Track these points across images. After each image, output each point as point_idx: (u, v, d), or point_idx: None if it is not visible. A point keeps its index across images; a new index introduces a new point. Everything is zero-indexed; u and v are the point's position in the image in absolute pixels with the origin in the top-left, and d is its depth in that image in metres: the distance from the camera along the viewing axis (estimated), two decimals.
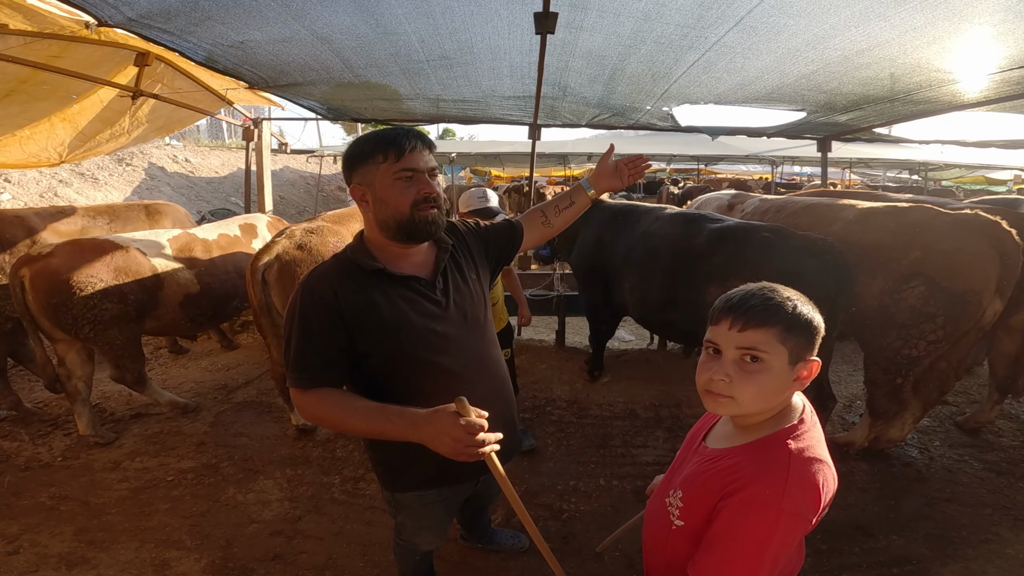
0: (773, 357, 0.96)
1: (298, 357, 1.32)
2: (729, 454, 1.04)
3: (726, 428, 1.13)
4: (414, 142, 1.34)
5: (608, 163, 1.77)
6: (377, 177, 1.35)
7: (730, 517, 0.95)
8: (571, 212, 1.82)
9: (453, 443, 1.16)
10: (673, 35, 2.72)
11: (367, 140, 1.37)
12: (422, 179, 1.35)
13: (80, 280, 2.97)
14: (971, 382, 3.88)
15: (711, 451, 1.10)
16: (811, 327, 0.98)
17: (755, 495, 0.93)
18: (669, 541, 1.09)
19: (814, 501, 0.93)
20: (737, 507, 0.95)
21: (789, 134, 5.59)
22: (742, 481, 0.96)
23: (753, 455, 0.99)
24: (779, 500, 0.91)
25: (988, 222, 2.54)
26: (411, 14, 2.58)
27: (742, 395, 0.98)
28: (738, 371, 0.98)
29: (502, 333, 2.72)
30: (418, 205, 1.34)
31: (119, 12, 2.44)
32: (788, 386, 1.00)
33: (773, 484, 0.93)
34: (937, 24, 2.38)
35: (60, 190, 8.78)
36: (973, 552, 2.30)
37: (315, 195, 14.73)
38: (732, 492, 0.96)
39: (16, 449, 3.17)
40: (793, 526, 0.92)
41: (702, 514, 1.01)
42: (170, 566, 2.28)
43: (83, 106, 3.64)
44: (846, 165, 14.84)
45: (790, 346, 0.96)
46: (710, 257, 2.79)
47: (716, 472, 1.02)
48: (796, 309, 0.98)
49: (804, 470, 0.94)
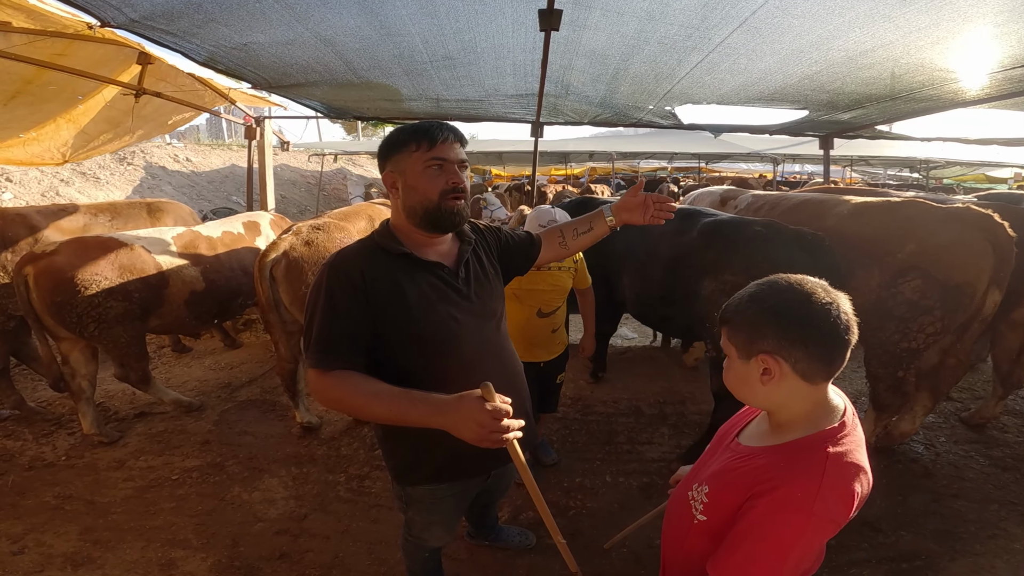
0: (729, 353, 1.05)
1: (321, 336, 1.32)
2: (763, 453, 1.03)
3: (761, 427, 1.12)
4: (447, 134, 1.38)
5: (636, 198, 1.74)
6: (408, 164, 1.38)
7: (758, 517, 0.95)
8: (588, 238, 1.84)
9: (479, 428, 1.15)
10: (677, 36, 2.73)
11: (402, 130, 1.41)
12: (451, 169, 1.39)
13: (84, 278, 2.97)
14: (975, 378, 3.89)
15: (744, 448, 1.09)
16: (752, 323, 0.99)
17: (787, 497, 0.93)
18: (689, 535, 1.09)
19: (846, 507, 0.92)
20: (766, 507, 0.94)
21: (791, 132, 5.60)
22: (775, 481, 0.95)
23: (788, 456, 0.98)
24: (811, 504, 0.90)
25: (980, 215, 2.57)
26: (415, 15, 2.58)
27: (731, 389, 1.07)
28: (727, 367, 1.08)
29: (560, 358, 2.68)
30: (446, 195, 1.37)
31: (122, 14, 2.44)
32: (754, 380, 1.00)
33: (806, 487, 0.92)
34: (942, 24, 2.39)
35: (62, 189, 8.78)
36: (981, 547, 2.31)
37: (316, 194, 14.72)
38: (763, 492, 0.95)
39: (20, 448, 3.17)
40: (821, 530, 0.92)
41: (727, 511, 1.01)
42: (176, 565, 2.29)
43: (87, 106, 3.65)
44: (847, 163, 14.87)
45: (736, 343, 1.02)
46: (704, 251, 2.80)
47: (747, 470, 1.02)
48: (737, 309, 1.02)
49: (840, 475, 0.93)
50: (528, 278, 2.34)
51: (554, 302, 2.56)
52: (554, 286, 2.54)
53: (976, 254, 2.51)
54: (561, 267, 2.55)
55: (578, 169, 19.46)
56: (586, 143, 14.70)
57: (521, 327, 2.50)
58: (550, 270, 2.49)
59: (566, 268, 2.58)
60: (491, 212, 9.26)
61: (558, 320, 2.61)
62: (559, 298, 2.58)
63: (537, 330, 2.55)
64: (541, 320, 2.54)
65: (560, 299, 2.59)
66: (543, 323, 2.55)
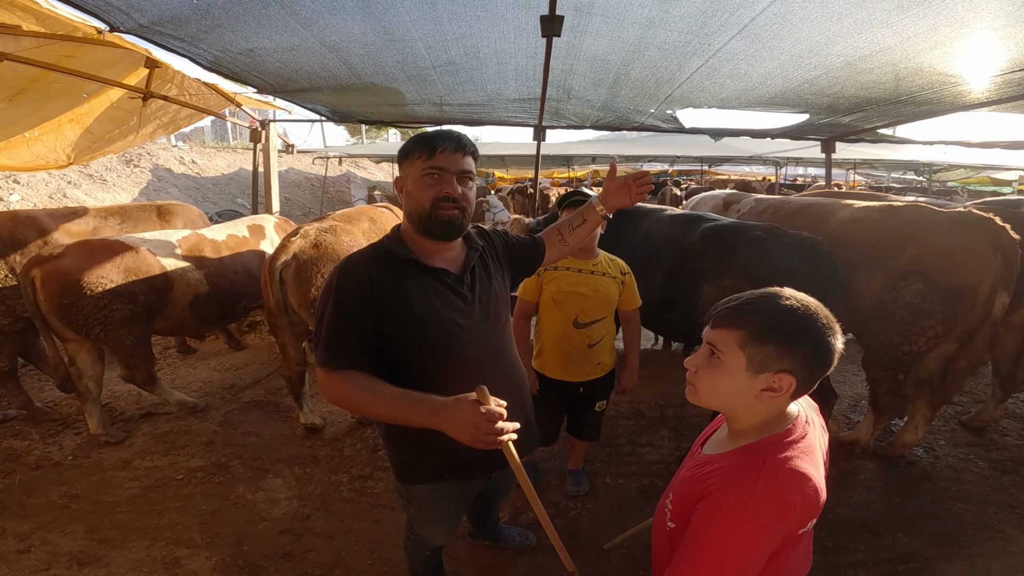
0: (729, 358, 0.99)
1: (329, 337, 1.37)
2: (715, 460, 1.05)
3: (721, 435, 1.14)
4: (448, 144, 1.41)
5: (615, 181, 1.77)
6: (411, 171, 1.44)
7: (697, 522, 0.96)
8: (584, 230, 1.86)
9: (472, 430, 1.18)
10: (677, 42, 2.76)
11: (413, 138, 1.47)
12: (447, 179, 1.42)
13: (91, 281, 3.00)
14: (975, 382, 3.90)
15: (702, 456, 1.12)
16: (784, 340, 0.95)
17: (721, 501, 0.94)
18: (666, 542, 1.12)
19: (781, 512, 0.91)
20: (704, 511, 0.96)
21: (793, 136, 5.62)
22: (715, 486, 0.97)
23: (732, 462, 1.00)
24: (742, 509, 0.91)
25: (981, 218, 2.58)
26: (418, 21, 2.62)
27: (700, 386, 1.05)
28: (704, 363, 1.04)
29: (601, 382, 2.48)
30: (437, 203, 1.41)
31: (131, 19, 2.48)
32: (750, 393, 0.99)
33: (739, 492, 0.93)
34: (939, 29, 2.41)
35: (69, 191, 8.85)
36: (978, 550, 2.33)
37: (320, 196, 14.78)
38: (703, 496, 0.97)
39: (27, 448, 3.21)
40: (756, 537, 0.91)
41: (687, 517, 1.02)
42: (181, 564, 2.31)
43: (92, 106, 3.68)
44: (850, 166, 14.84)
45: (749, 353, 0.97)
46: (704, 256, 2.83)
47: (700, 476, 1.04)
48: (768, 320, 0.96)
49: (775, 482, 0.93)
50: (568, 280, 2.30)
51: (593, 312, 2.35)
52: (596, 292, 2.33)
53: (977, 257, 2.52)
54: (606, 272, 2.36)
55: (581, 172, 19.48)
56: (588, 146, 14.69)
57: (556, 337, 2.38)
58: (592, 274, 2.34)
59: (611, 276, 2.37)
60: (494, 215, 9.31)
61: (596, 335, 2.38)
62: (600, 309, 2.36)
63: (572, 343, 2.36)
64: (577, 332, 2.34)
65: (601, 311, 2.37)
66: (579, 335, 2.35)
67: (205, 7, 2.41)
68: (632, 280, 2.45)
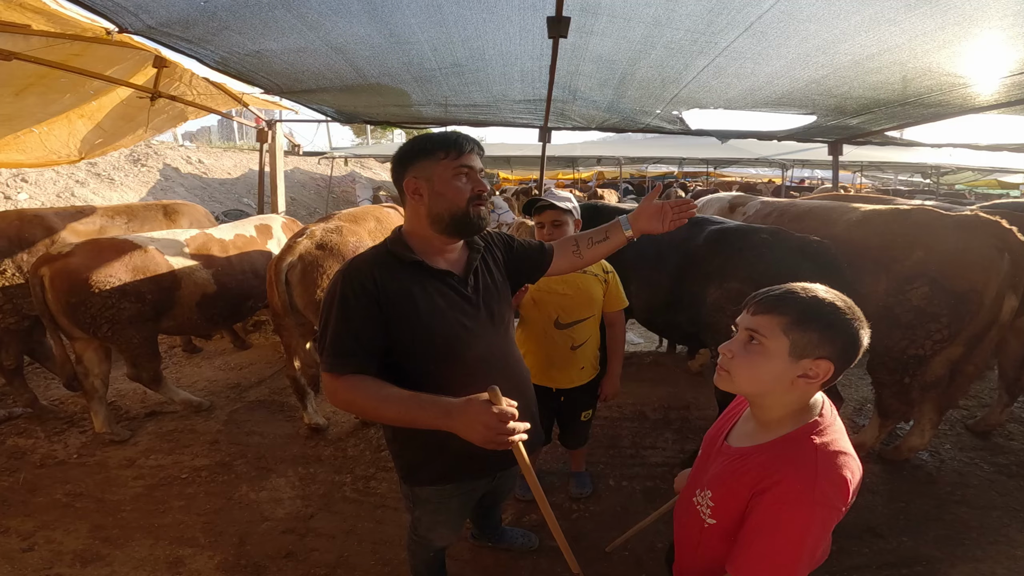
0: (771, 343, 1.02)
1: (335, 342, 1.37)
2: (754, 452, 1.08)
3: (747, 426, 1.16)
4: (472, 145, 1.45)
5: (653, 204, 1.66)
6: (436, 171, 1.42)
7: (766, 512, 0.99)
8: (603, 247, 1.79)
9: (485, 430, 1.18)
10: (683, 40, 2.75)
11: (428, 138, 1.46)
12: (476, 178, 1.45)
13: (99, 279, 3.02)
14: (981, 386, 3.87)
15: (735, 450, 1.13)
16: (823, 328, 1.00)
17: (788, 490, 0.98)
18: (702, 539, 1.14)
19: (843, 491, 0.97)
20: (772, 502, 0.99)
21: (800, 138, 5.59)
22: (775, 477, 1.00)
23: (780, 452, 1.03)
24: (811, 493, 0.95)
25: (988, 221, 2.56)
26: (424, 23, 2.62)
27: (736, 372, 1.06)
28: (741, 349, 1.06)
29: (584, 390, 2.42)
30: (473, 201, 1.43)
31: (139, 20, 2.50)
32: (787, 378, 1.02)
33: (804, 478, 0.97)
34: (947, 28, 2.39)
35: (77, 190, 8.91)
36: (982, 553, 2.31)
37: (326, 196, 14.84)
38: (765, 489, 1.00)
39: (32, 446, 3.22)
40: (827, 516, 0.96)
41: (734, 511, 1.05)
42: (184, 563, 2.32)
43: (101, 102, 3.70)
44: (857, 169, 14.79)
45: (793, 338, 1.01)
46: (710, 258, 2.81)
47: (745, 470, 1.06)
48: (814, 310, 1.01)
49: (831, 463, 0.98)
50: (547, 279, 2.17)
51: (575, 311, 2.29)
52: (577, 290, 2.28)
53: (984, 261, 2.50)
54: (587, 270, 2.30)
55: (586, 173, 19.47)
56: (594, 147, 14.71)
57: (537, 338, 2.32)
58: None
59: (593, 274, 2.33)
60: (498, 216, 9.31)
61: (579, 336, 2.31)
62: (582, 308, 2.31)
63: (554, 344, 2.30)
64: (559, 333, 2.29)
65: (583, 310, 2.31)
66: (560, 336, 2.29)
67: (212, 9, 2.42)
68: (616, 279, 2.42)
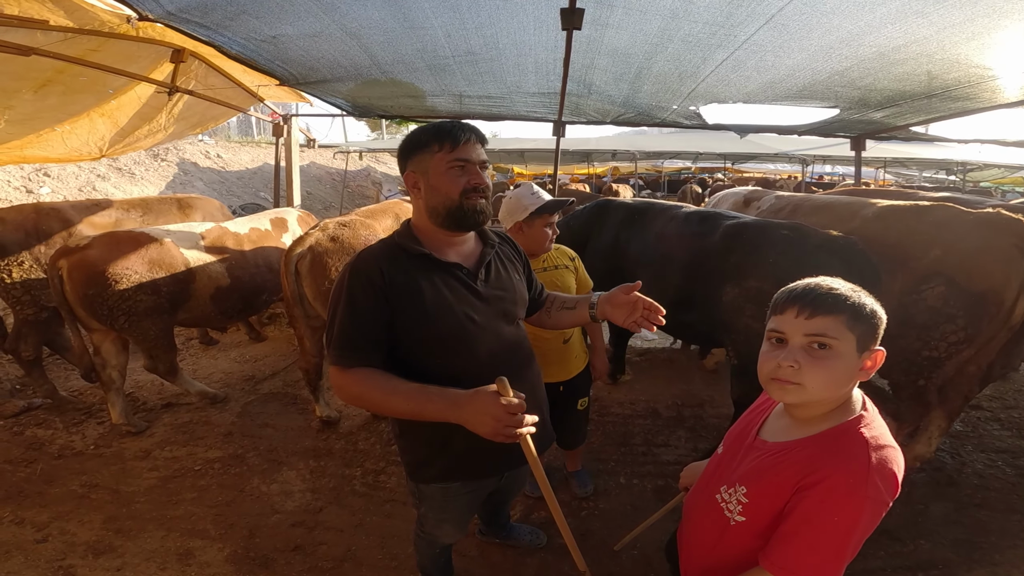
0: (842, 343, 0.99)
1: (342, 335, 1.36)
2: (798, 446, 1.04)
3: (782, 422, 1.13)
4: (469, 135, 1.41)
5: (628, 296, 1.54)
6: (431, 165, 1.41)
7: (814, 507, 0.96)
8: (568, 316, 1.75)
9: (493, 422, 1.17)
10: (701, 33, 2.69)
11: (424, 130, 1.43)
12: (473, 170, 1.41)
13: (116, 272, 3.05)
14: (1006, 387, 3.76)
15: (773, 445, 1.09)
16: (875, 316, 1.00)
17: (839, 484, 0.95)
18: (726, 538, 1.10)
19: (893, 485, 0.95)
20: (820, 496, 0.96)
21: (821, 132, 5.47)
22: (824, 471, 0.96)
23: (827, 446, 1.00)
24: (863, 487, 0.93)
25: (1011, 220, 2.44)
26: (437, 8, 2.60)
27: (811, 381, 0.99)
28: (807, 358, 1.00)
29: (580, 378, 2.42)
30: (467, 193, 1.40)
31: (159, 6, 2.52)
32: (855, 375, 1.01)
33: (856, 472, 0.95)
34: (976, 20, 2.32)
35: (98, 184, 9.08)
36: (1000, 557, 2.25)
37: (341, 191, 14.93)
38: (813, 483, 0.97)
39: (50, 437, 3.27)
40: (876, 511, 0.94)
41: (772, 508, 1.02)
42: (193, 555, 2.33)
43: (121, 102, 3.74)
44: (880, 165, 14.46)
45: (858, 333, 0.99)
46: (726, 255, 2.72)
47: (787, 464, 1.03)
48: (861, 299, 1.01)
49: (882, 457, 0.96)
50: None
51: None
52: (555, 286, 2.25)
53: (1003, 260, 2.38)
54: (558, 264, 2.34)
55: (600, 168, 19.34)
56: (609, 142, 14.56)
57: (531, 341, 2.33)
58: (545, 271, 2.28)
59: (563, 266, 2.36)
60: None
61: (568, 329, 2.32)
62: None
63: (547, 343, 2.28)
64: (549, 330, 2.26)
65: None
66: (551, 333, 2.28)
67: None
68: (580, 263, 2.47)
